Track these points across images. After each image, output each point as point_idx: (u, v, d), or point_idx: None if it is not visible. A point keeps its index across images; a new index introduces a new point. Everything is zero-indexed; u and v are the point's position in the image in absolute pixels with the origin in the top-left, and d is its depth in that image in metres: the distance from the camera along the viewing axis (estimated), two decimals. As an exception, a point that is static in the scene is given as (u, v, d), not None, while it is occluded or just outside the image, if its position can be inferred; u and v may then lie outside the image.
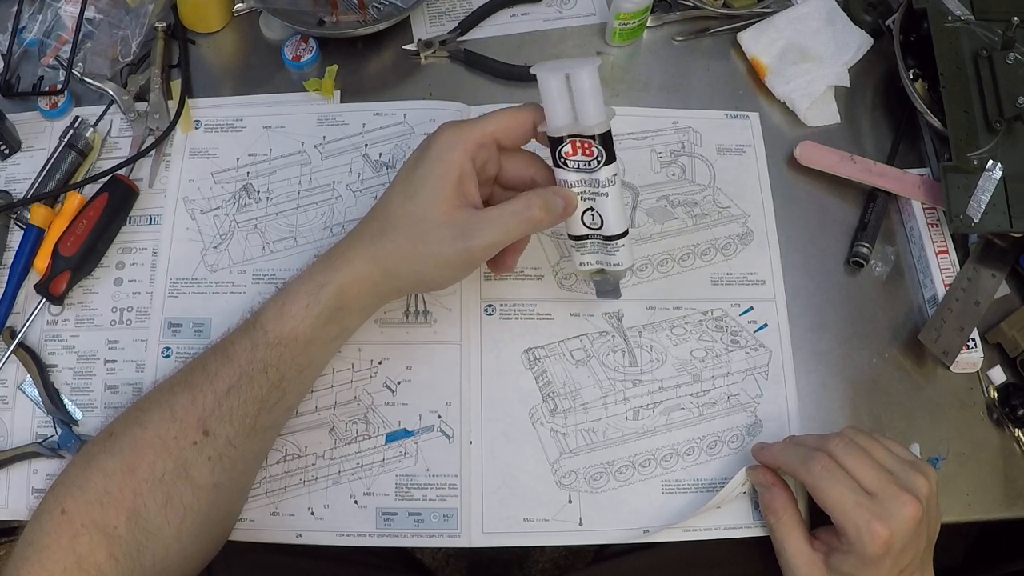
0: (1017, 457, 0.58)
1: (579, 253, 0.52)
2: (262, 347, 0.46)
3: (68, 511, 0.43)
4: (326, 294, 0.47)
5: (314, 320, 0.47)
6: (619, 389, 0.58)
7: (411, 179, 0.47)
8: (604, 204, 0.49)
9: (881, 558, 0.45)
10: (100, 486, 0.43)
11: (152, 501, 0.44)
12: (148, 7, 0.65)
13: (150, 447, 0.44)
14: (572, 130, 0.46)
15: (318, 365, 0.51)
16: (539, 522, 0.55)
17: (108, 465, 0.44)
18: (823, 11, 0.69)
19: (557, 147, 0.47)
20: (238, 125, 0.65)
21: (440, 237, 0.46)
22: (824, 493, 0.47)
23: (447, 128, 0.47)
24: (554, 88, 0.46)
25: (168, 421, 0.45)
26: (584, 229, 0.50)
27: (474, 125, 0.47)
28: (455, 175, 0.46)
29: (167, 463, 0.44)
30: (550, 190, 0.48)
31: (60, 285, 0.57)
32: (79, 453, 0.46)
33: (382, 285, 0.48)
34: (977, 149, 0.60)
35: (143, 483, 0.44)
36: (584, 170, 0.48)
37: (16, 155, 0.63)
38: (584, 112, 0.46)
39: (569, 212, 0.49)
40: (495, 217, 0.46)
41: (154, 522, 0.44)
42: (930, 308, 0.61)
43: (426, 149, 0.47)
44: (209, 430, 0.45)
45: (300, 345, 0.47)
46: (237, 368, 0.46)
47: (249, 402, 0.46)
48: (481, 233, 0.46)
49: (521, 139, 0.49)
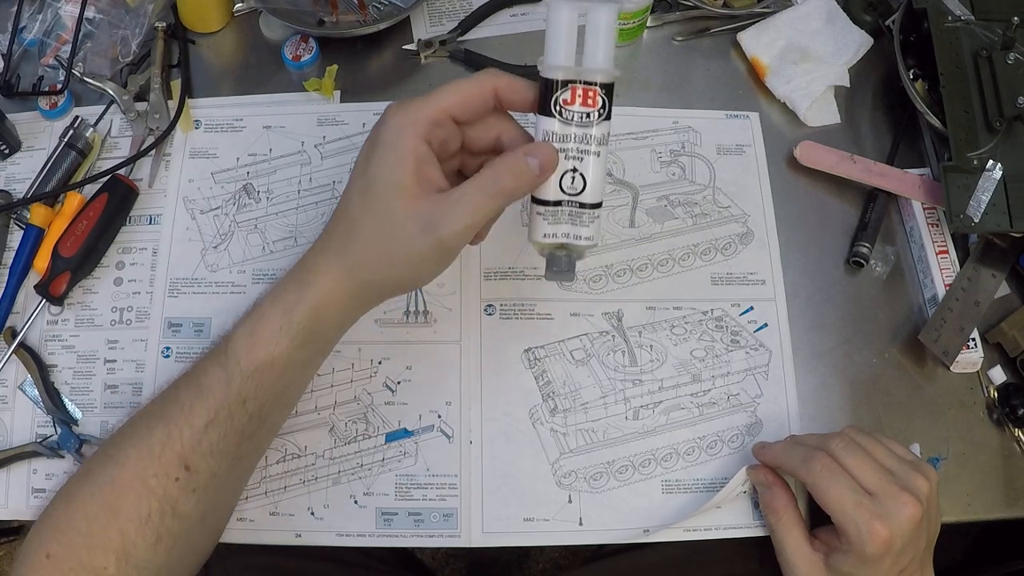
0: (1017, 457, 0.58)
1: (545, 222, 0.44)
2: (237, 379, 0.43)
3: (53, 555, 0.42)
4: (299, 315, 0.43)
5: (288, 343, 0.43)
6: (619, 389, 0.58)
7: (366, 174, 0.42)
8: (591, 165, 0.43)
9: (881, 558, 0.45)
10: (84, 528, 0.42)
11: (141, 540, 0.42)
12: (148, 7, 0.65)
13: (131, 487, 0.42)
14: (574, 74, 0.42)
15: (299, 387, 0.48)
16: (539, 522, 0.55)
17: (90, 508, 0.43)
18: (823, 11, 0.69)
19: (554, 93, 0.42)
20: (238, 125, 0.65)
21: (407, 233, 0.41)
22: (824, 493, 0.47)
23: (394, 111, 0.42)
24: (565, 21, 0.41)
25: (146, 459, 0.43)
26: (558, 193, 0.44)
27: (424, 102, 0.42)
28: (411, 162, 0.41)
29: (152, 503, 0.42)
30: (519, 152, 0.42)
31: (60, 286, 0.57)
32: (59, 492, 0.45)
33: (360, 296, 0.45)
34: (977, 149, 0.60)
35: (128, 523, 0.42)
36: (580, 123, 0.42)
37: (16, 155, 0.63)
38: (594, 55, 0.42)
39: (547, 173, 0.42)
40: (460, 198, 0.41)
41: (144, 557, 0.43)
42: (930, 308, 0.61)
43: (375, 138, 0.43)
44: (190, 466, 0.43)
45: (276, 371, 0.44)
46: (213, 402, 0.43)
47: (230, 435, 0.44)
48: (449, 220, 0.41)
49: (481, 111, 0.44)
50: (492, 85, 0.43)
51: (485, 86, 0.43)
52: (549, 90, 0.42)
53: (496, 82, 0.43)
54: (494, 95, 0.43)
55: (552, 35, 0.42)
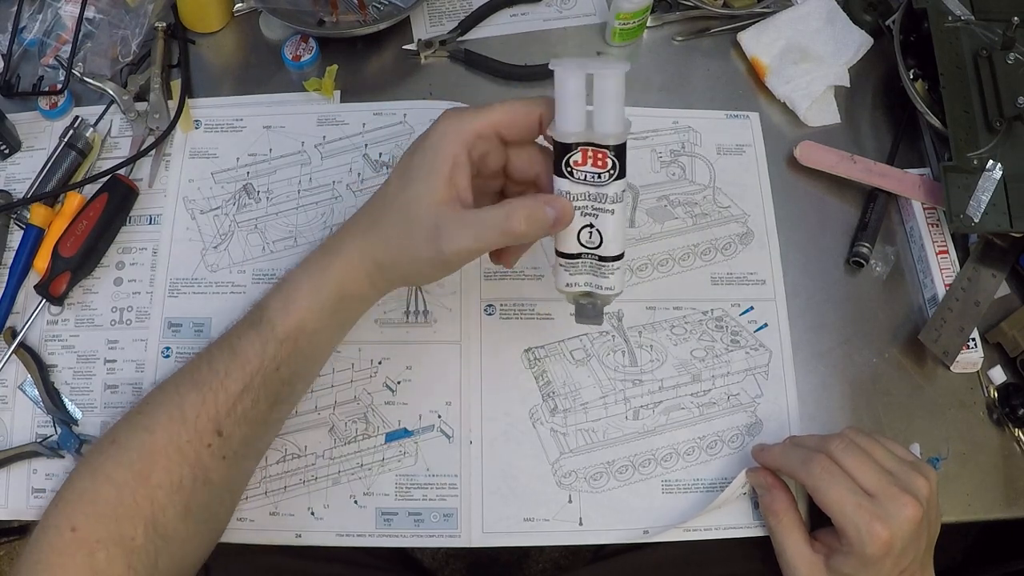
0: (1017, 457, 0.58)
1: (567, 272, 0.47)
2: (272, 343, 0.45)
3: (79, 528, 0.41)
4: (328, 284, 0.46)
5: (319, 310, 0.46)
6: (619, 389, 0.58)
7: (408, 167, 0.45)
8: (607, 222, 0.44)
9: (881, 559, 0.45)
10: (112, 498, 0.42)
11: (171, 508, 0.43)
12: (148, 7, 0.65)
13: (162, 453, 0.43)
14: (585, 137, 0.42)
15: (323, 356, 0.51)
16: (539, 522, 0.55)
17: (118, 475, 0.42)
18: (823, 11, 0.69)
19: (565, 155, 0.43)
20: (238, 125, 0.65)
21: (417, 235, 0.44)
22: (824, 494, 0.47)
23: (448, 116, 0.45)
24: (572, 88, 0.41)
25: (178, 423, 0.43)
26: (578, 247, 0.46)
27: (476, 114, 0.44)
28: (448, 166, 0.43)
29: (184, 469, 0.43)
30: (540, 199, 0.44)
31: (60, 286, 0.57)
32: (81, 463, 0.45)
33: (375, 276, 0.47)
34: (977, 149, 0.60)
35: (158, 490, 0.42)
36: (592, 183, 0.43)
37: (16, 155, 0.63)
38: (604, 119, 0.42)
39: (560, 226, 0.44)
40: (471, 223, 0.43)
41: (172, 526, 0.43)
42: (930, 308, 0.61)
43: (425, 137, 0.45)
44: (223, 431, 0.44)
45: (307, 336, 0.46)
46: (248, 366, 0.45)
47: (263, 400, 0.45)
48: (454, 240, 0.43)
49: (526, 135, 0.46)
50: (540, 112, 0.44)
51: (533, 112, 0.44)
52: (561, 152, 0.43)
53: (544, 111, 0.44)
54: (540, 121, 0.45)
55: (560, 101, 0.42)
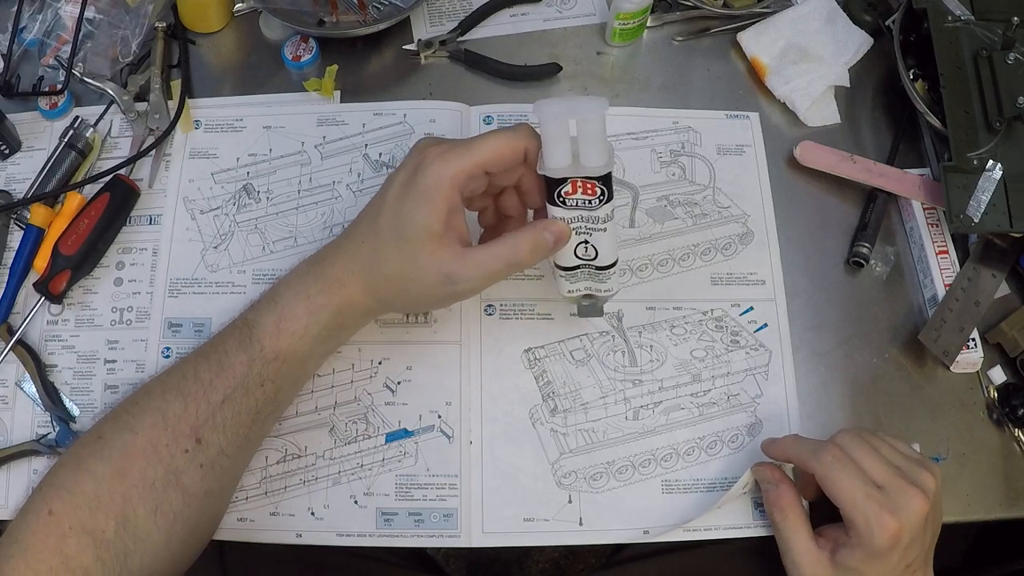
0: (1017, 457, 0.58)
1: (568, 281, 0.51)
2: (259, 362, 0.46)
3: (56, 512, 0.43)
4: (325, 316, 0.47)
5: (313, 339, 0.48)
6: (619, 389, 0.58)
7: (400, 212, 0.46)
8: (600, 238, 0.48)
9: (889, 551, 0.45)
10: (90, 490, 0.43)
11: (142, 507, 0.44)
12: (148, 7, 0.65)
13: (141, 453, 0.44)
14: (573, 171, 0.45)
15: (310, 375, 0.53)
16: (539, 522, 0.55)
17: (98, 469, 0.44)
18: (823, 11, 0.69)
19: (556, 187, 0.46)
20: (238, 125, 0.65)
21: (427, 280, 0.46)
22: (834, 484, 0.47)
23: (433, 157, 0.46)
24: (555, 131, 0.44)
25: (160, 428, 0.45)
26: (576, 261, 0.49)
27: (463, 156, 0.45)
28: (444, 212, 0.45)
29: (158, 470, 0.44)
30: (539, 227, 0.47)
31: (60, 284, 0.57)
32: (67, 454, 0.46)
33: (376, 309, 0.50)
34: (977, 149, 0.60)
35: (133, 488, 0.44)
36: (583, 208, 0.46)
37: (16, 155, 0.63)
38: (588, 155, 0.44)
39: (559, 246, 0.48)
40: (481, 261, 0.46)
41: (143, 527, 0.44)
42: (930, 308, 0.61)
43: (414, 179, 0.46)
44: (202, 438, 0.45)
45: (298, 361, 0.48)
46: (232, 380, 0.46)
47: (244, 413, 0.47)
48: (467, 278, 0.46)
49: (512, 166, 0.48)
50: (525, 147, 0.47)
51: (519, 146, 0.46)
52: (552, 186, 0.46)
53: (529, 145, 0.47)
54: (525, 153, 0.47)
55: (545, 142, 0.45)
